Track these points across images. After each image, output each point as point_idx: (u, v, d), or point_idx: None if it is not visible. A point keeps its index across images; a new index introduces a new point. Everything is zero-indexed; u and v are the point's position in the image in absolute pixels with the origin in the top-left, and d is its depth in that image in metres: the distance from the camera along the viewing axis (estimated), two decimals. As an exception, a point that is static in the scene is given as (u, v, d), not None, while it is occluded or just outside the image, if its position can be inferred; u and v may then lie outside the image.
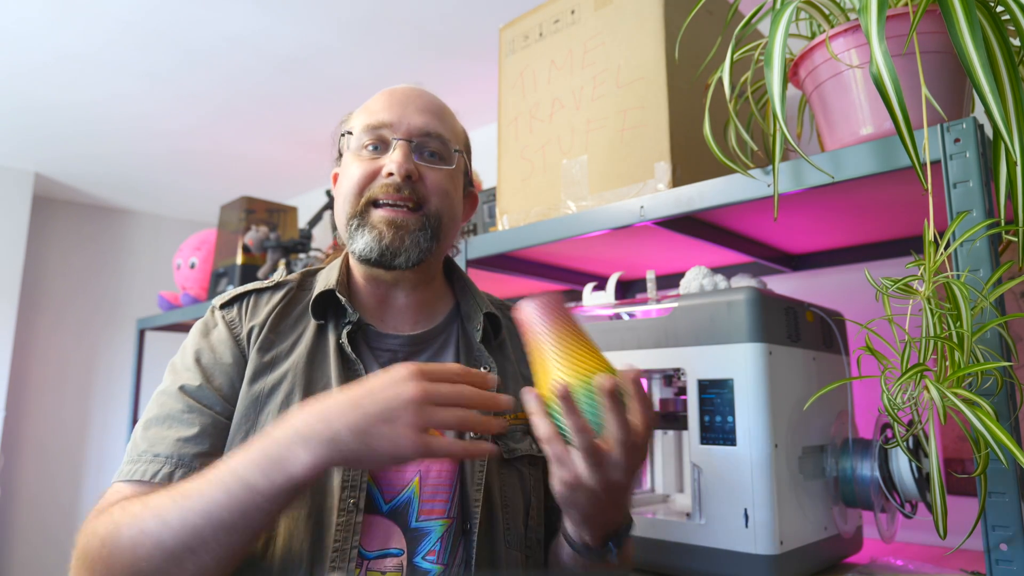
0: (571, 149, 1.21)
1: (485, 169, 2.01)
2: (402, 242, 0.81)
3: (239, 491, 0.63)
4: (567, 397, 0.63)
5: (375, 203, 0.83)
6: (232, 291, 0.88)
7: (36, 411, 3.26)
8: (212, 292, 2.34)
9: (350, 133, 0.87)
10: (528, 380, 0.92)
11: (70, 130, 2.64)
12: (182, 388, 0.79)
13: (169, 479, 0.72)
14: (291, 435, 0.63)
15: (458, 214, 0.89)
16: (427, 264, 0.86)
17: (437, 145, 0.85)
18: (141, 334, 2.70)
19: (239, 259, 2.22)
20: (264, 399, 0.79)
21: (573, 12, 1.24)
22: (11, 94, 2.34)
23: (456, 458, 0.76)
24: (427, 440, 0.62)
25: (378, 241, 0.81)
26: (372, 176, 0.83)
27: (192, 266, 2.48)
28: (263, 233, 2.23)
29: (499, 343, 0.92)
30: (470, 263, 1.33)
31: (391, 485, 0.78)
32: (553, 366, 0.67)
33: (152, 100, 2.37)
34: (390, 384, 0.63)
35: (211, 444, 0.76)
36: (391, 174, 0.81)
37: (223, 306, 0.86)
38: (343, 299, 0.84)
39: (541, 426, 0.66)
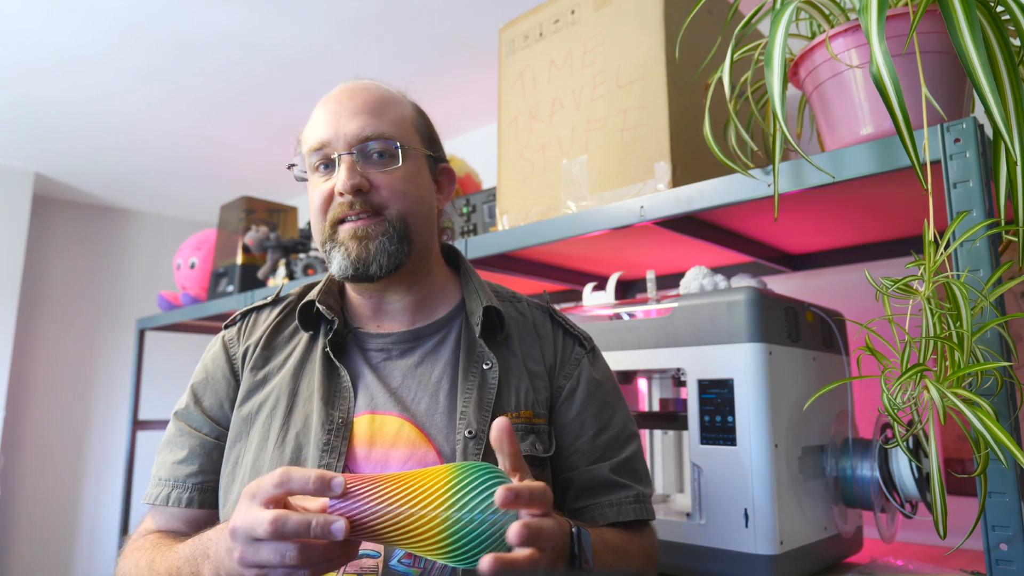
0: (571, 149, 1.21)
1: (485, 169, 2.01)
2: (368, 252, 0.81)
3: None
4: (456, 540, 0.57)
5: (340, 221, 0.83)
6: (241, 309, 0.93)
7: (36, 411, 3.26)
8: (212, 292, 2.34)
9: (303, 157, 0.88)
10: (534, 374, 0.88)
11: (68, 127, 2.63)
12: (176, 413, 0.88)
13: (167, 501, 0.83)
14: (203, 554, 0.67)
15: (426, 206, 0.88)
16: (410, 265, 0.85)
17: (380, 146, 0.83)
18: (141, 334, 2.70)
19: (239, 259, 2.22)
20: (253, 416, 0.84)
21: (573, 12, 1.24)
22: (6, 90, 2.33)
23: None
24: None
25: (347, 257, 0.82)
26: (328, 198, 0.84)
27: (192, 266, 2.48)
28: (263, 233, 2.23)
29: (504, 337, 0.88)
30: (470, 263, 1.33)
31: None
32: (427, 510, 0.60)
33: (151, 100, 2.37)
34: (224, 548, 0.62)
35: (199, 464, 0.84)
36: (342, 193, 0.82)
37: (227, 325, 0.92)
38: (321, 307, 0.86)
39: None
